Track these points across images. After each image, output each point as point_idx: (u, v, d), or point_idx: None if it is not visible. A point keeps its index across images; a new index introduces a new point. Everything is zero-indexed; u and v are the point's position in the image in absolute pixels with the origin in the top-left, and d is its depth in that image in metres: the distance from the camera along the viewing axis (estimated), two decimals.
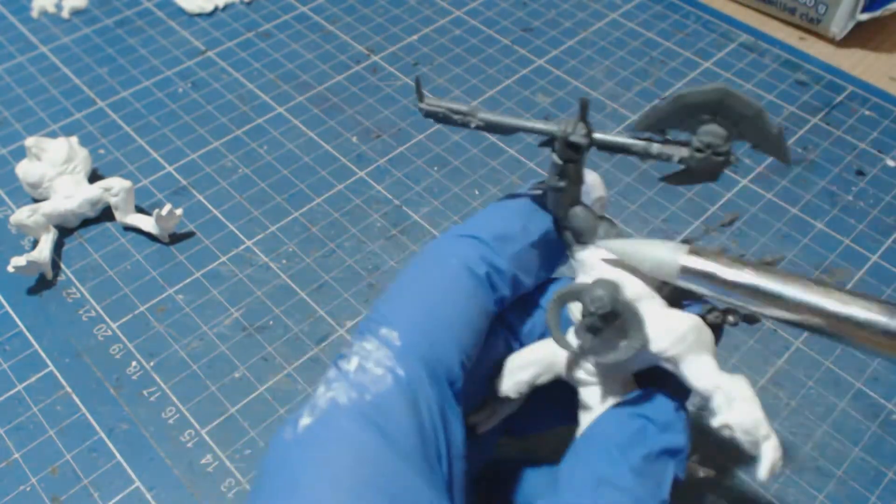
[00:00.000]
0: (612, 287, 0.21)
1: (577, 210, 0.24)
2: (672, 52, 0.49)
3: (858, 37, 0.50)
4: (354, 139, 0.44)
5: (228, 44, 0.50)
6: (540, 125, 0.24)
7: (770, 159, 0.42)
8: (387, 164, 0.42)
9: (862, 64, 0.49)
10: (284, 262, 0.38)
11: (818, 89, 0.47)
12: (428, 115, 0.25)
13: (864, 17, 0.48)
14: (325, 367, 0.34)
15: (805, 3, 0.49)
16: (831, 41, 0.50)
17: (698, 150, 0.22)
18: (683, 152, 0.22)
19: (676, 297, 0.23)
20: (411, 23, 0.51)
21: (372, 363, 0.20)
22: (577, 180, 0.24)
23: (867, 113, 0.45)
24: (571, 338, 0.23)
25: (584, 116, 0.23)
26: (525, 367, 0.24)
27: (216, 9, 0.52)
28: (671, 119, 0.22)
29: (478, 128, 0.25)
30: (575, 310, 0.23)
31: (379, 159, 0.43)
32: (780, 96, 0.46)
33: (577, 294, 0.22)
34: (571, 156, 0.23)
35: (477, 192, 0.41)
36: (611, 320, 0.22)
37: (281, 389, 0.33)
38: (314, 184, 0.41)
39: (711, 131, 0.22)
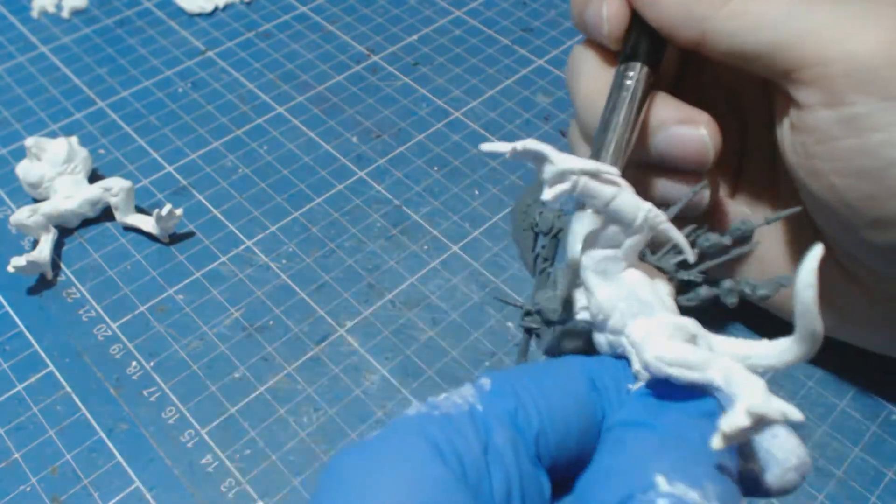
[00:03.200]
0: None
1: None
2: None
3: None
4: (354, 139, 0.44)
5: (228, 44, 0.50)
6: None
7: None
8: (387, 164, 0.42)
9: None
10: (284, 262, 0.38)
11: None
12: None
13: None
14: (325, 367, 0.34)
15: None
16: None
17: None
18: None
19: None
20: (411, 23, 0.51)
21: (456, 396, 0.20)
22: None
23: None
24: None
25: None
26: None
27: (216, 9, 0.52)
28: None
29: None
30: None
31: (379, 159, 0.43)
32: None
33: None
34: None
35: (477, 192, 0.41)
36: None
37: (281, 389, 0.33)
38: (314, 184, 0.41)
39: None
